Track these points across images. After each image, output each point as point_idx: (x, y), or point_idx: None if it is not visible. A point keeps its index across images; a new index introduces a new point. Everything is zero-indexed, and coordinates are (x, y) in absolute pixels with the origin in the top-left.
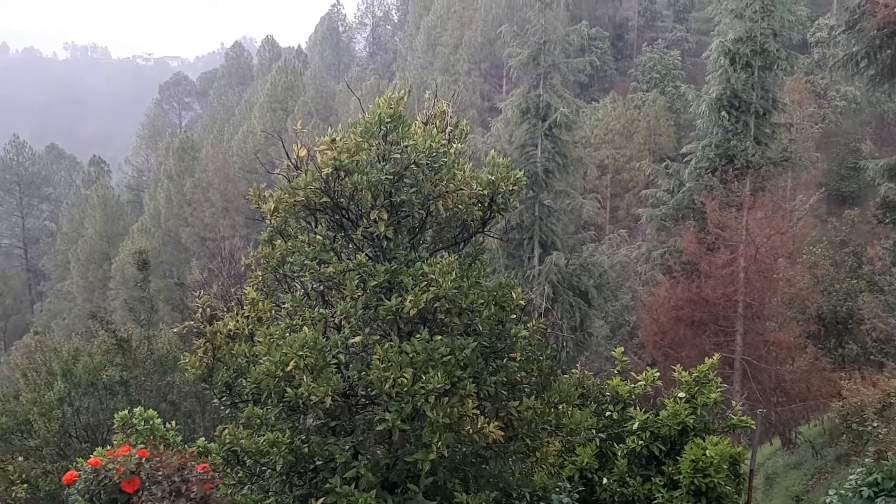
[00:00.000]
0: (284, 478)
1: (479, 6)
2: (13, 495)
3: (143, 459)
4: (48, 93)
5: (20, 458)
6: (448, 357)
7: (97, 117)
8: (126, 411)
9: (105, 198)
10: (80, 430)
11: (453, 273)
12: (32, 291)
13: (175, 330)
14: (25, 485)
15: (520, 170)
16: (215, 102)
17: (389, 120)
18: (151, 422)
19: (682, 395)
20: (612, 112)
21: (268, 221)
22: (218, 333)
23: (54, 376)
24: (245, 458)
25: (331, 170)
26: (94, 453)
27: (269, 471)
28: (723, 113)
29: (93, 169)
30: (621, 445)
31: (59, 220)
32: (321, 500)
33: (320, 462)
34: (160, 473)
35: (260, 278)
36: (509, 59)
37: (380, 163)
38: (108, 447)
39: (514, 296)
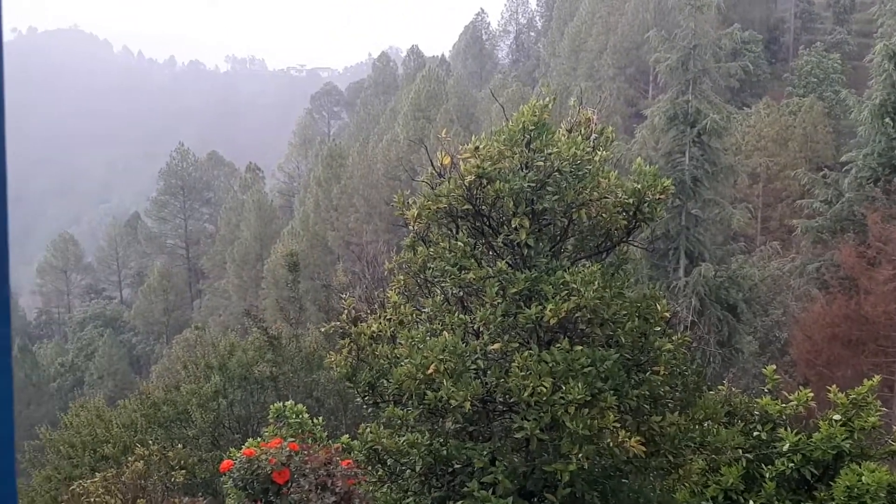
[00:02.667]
0: (423, 479)
1: (626, 10)
2: (172, 480)
3: (293, 452)
4: (210, 103)
5: (179, 446)
6: (589, 368)
7: (253, 126)
8: (280, 404)
9: (259, 202)
10: (233, 422)
11: (595, 283)
12: (192, 289)
13: (322, 330)
14: (184, 471)
15: (667, 178)
16: (361, 111)
17: (533, 127)
18: (301, 416)
19: (837, 417)
20: (766, 118)
21: (410, 227)
22: (362, 334)
23: (211, 369)
24: (385, 457)
25: (474, 177)
26: (247, 444)
27: (409, 471)
28: (887, 119)
29: (248, 175)
30: (769, 467)
31: (218, 222)
32: (458, 503)
33: (458, 466)
34: (308, 467)
35: (402, 282)
36: (656, 65)
37: (522, 170)
38: (259, 439)
39: (659, 307)
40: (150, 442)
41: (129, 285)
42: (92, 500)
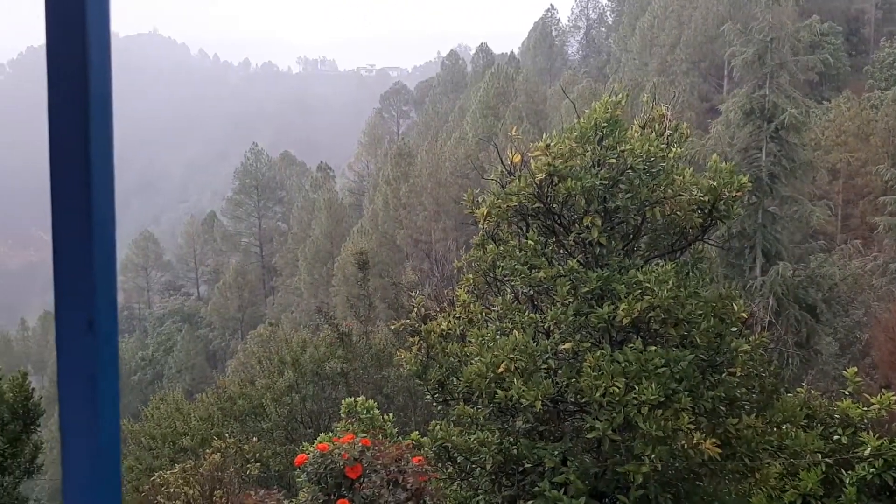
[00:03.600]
0: (493, 477)
1: (700, 3)
2: (248, 473)
3: (365, 448)
4: (283, 104)
5: (254, 439)
6: (663, 368)
7: (324, 125)
8: (351, 399)
9: (330, 201)
10: (305, 416)
11: (670, 282)
12: (266, 286)
13: (391, 327)
14: (259, 464)
15: (743, 174)
16: (430, 110)
17: (606, 124)
18: (372, 412)
19: None
20: (846, 112)
21: (480, 225)
22: (431, 332)
23: (284, 365)
24: (456, 455)
25: (544, 175)
26: (319, 438)
27: (479, 469)
28: None
29: (320, 174)
30: (850, 472)
31: (290, 221)
32: (529, 502)
33: (529, 465)
34: (379, 462)
35: (471, 281)
36: (732, 59)
37: (595, 168)
38: (331, 433)
39: (735, 307)
40: (227, 435)
41: (205, 282)
42: (171, 490)
